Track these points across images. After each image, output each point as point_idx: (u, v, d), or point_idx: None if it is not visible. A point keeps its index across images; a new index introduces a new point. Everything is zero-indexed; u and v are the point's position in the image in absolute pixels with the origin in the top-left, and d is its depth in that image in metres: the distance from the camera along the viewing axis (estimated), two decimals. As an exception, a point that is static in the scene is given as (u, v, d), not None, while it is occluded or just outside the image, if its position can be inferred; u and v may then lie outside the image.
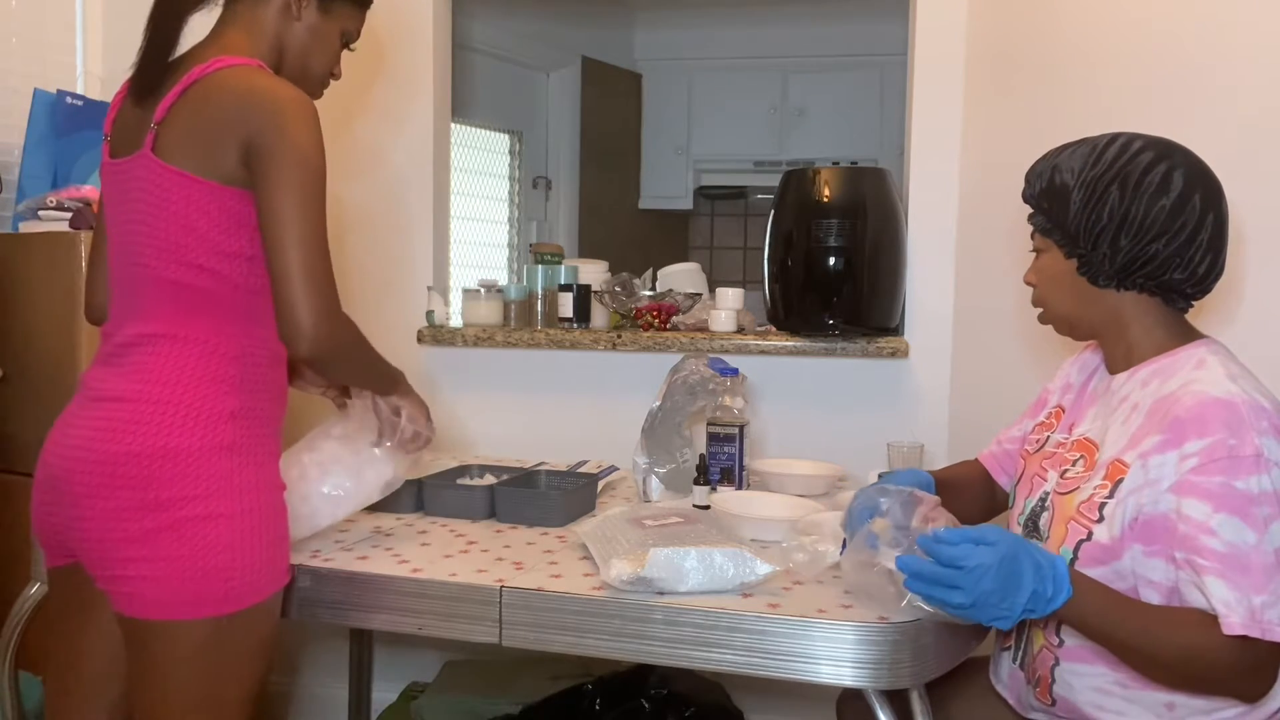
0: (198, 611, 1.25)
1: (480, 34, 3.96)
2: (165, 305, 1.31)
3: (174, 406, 1.27)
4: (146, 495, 1.24)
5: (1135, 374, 1.25)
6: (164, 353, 1.30)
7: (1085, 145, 1.24)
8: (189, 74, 1.28)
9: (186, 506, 1.25)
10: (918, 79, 2.25)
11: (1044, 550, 1.13)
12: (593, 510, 1.82)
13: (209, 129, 1.27)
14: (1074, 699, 1.23)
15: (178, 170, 1.27)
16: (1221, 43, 1.58)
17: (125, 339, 1.33)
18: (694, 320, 2.42)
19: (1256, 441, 1.08)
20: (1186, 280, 1.20)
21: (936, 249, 2.24)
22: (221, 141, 1.26)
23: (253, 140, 1.25)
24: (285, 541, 1.36)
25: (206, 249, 1.29)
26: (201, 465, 1.26)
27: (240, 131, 1.25)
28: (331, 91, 2.06)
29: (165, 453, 1.25)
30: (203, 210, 1.27)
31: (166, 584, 1.24)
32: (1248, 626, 1.04)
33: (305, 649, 2.53)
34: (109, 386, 1.31)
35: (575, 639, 1.35)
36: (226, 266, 1.30)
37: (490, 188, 4.26)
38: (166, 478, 1.25)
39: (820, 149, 4.68)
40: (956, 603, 1.09)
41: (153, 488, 1.24)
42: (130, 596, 1.26)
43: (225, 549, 1.26)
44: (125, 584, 1.26)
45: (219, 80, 1.28)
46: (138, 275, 1.32)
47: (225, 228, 1.28)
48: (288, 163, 1.25)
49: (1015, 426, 1.53)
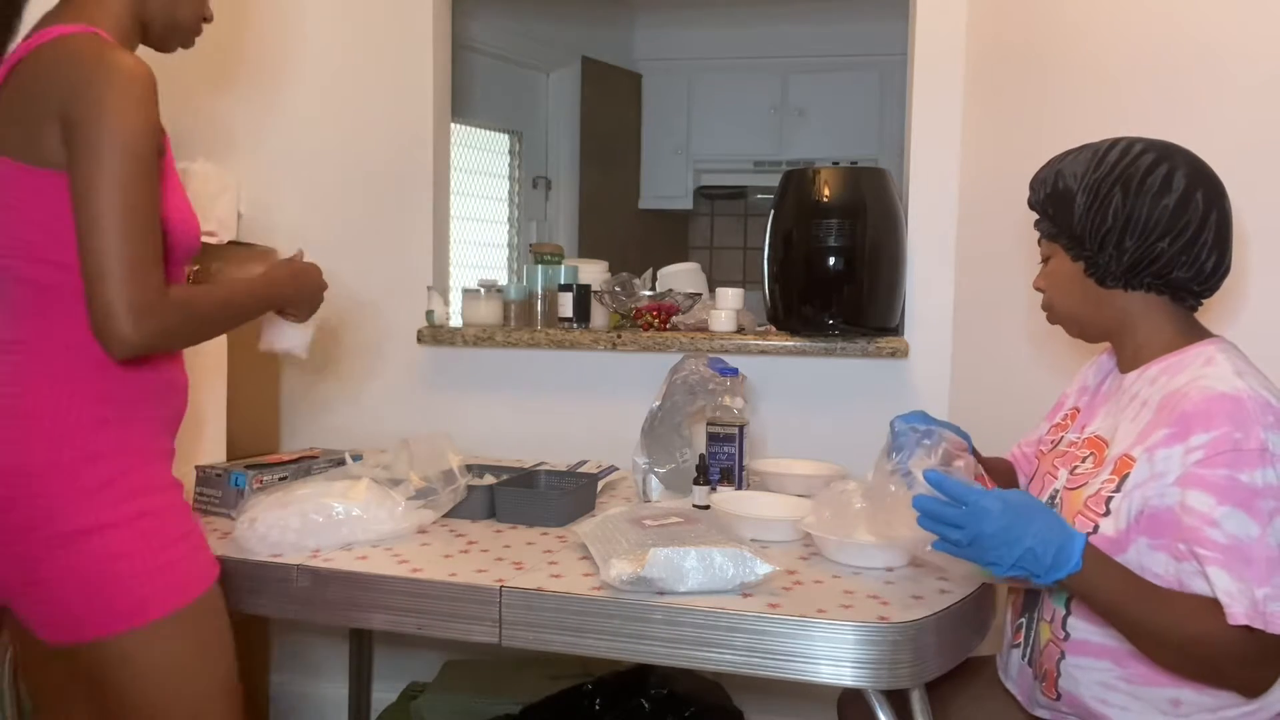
0: (115, 626, 1.18)
1: (480, 34, 3.96)
2: (25, 306, 1.19)
3: (31, 420, 1.16)
4: (11, 518, 1.15)
5: (1145, 372, 1.26)
6: (25, 359, 1.19)
7: (1087, 150, 1.27)
8: (17, 50, 1.17)
9: (57, 523, 1.15)
10: (918, 79, 2.25)
11: (1065, 523, 1.14)
12: (592, 510, 1.82)
13: (31, 110, 1.15)
14: (1079, 694, 1.23)
15: (8, 160, 1.16)
16: (1223, 43, 1.58)
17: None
18: (694, 320, 2.42)
19: (1262, 436, 1.09)
20: (1193, 278, 1.22)
21: (936, 249, 2.24)
22: (42, 122, 1.14)
23: (68, 116, 1.12)
24: (194, 538, 1.28)
25: (54, 241, 1.16)
26: (66, 480, 1.16)
27: (57, 109, 1.13)
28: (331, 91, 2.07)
29: (19, 471, 1.15)
30: (42, 200, 1.15)
31: (73, 605, 1.17)
32: (1251, 617, 1.05)
33: (305, 649, 2.53)
34: None
35: (575, 639, 1.34)
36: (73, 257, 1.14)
37: (490, 188, 4.26)
38: (25, 497, 1.15)
39: (820, 149, 4.68)
40: (954, 539, 1.12)
41: (14, 509, 1.15)
42: (37, 624, 1.20)
43: (118, 558, 1.18)
44: (27, 611, 1.20)
45: (43, 54, 1.16)
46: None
47: (65, 216, 1.14)
48: (103, 140, 1.11)
49: (1034, 431, 1.55)
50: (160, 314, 1.15)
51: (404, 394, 2.47)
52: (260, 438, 2.32)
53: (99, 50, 1.16)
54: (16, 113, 1.16)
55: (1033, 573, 1.11)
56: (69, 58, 1.15)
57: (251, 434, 2.26)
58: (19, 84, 1.17)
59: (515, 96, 4.34)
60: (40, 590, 1.18)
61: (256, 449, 2.22)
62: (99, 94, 1.12)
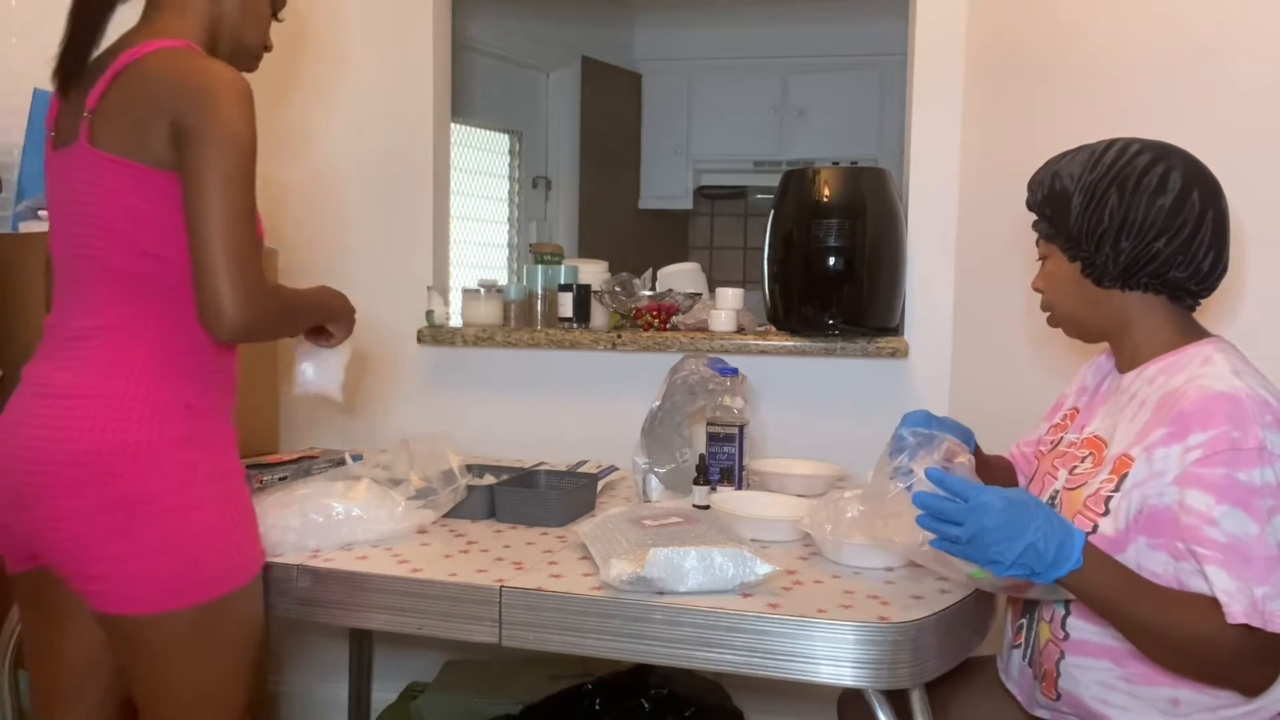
0: (182, 601, 1.26)
1: (480, 34, 3.96)
2: (112, 296, 1.29)
3: (130, 401, 1.26)
4: (114, 492, 1.23)
5: (1143, 372, 1.27)
6: (117, 345, 1.29)
7: (1084, 151, 1.27)
8: (118, 60, 1.27)
9: (155, 500, 1.25)
10: (918, 79, 2.25)
11: (1064, 520, 1.13)
12: (592, 510, 1.82)
13: (140, 113, 1.25)
14: (1079, 693, 1.24)
15: (113, 157, 1.26)
16: (1223, 44, 1.58)
17: (74, 331, 1.31)
18: (694, 320, 2.42)
19: (1260, 434, 1.09)
20: (1190, 278, 1.22)
21: (936, 249, 2.24)
22: (152, 124, 1.24)
23: (180, 121, 1.23)
24: (254, 525, 1.38)
25: (152, 235, 1.27)
26: (163, 458, 1.26)
27: (169, 113, 1.24)
28: (330, 91, 2.08)
29: (125, 448, 1.24)
30: (141, 195, 1.26)
31: (147, 577, 1.25)
32: (1249, 616, 1.05)
33: (305, 649, 2.53)
34: (57, 381, 1.28)
35: (575, 639, 1.35)
36: (174, 251, 1.28)
37: (490, 188, 4.26)
38: (130, 473, 1.24)
39: (820, 149, 4.68)
40: (954, 535, 1.11)
41: (117, 484, 1.24)
42: (112, 594, 1.25)
43: (199, 536, 1.27)
44: (104, 582, 1.25)
45: (149, 63, 1.27)
46: (83, 266, 1.31)
47: (168, 212, 1.27)
48: (214, 143, 1.23)
49: (1033, 432, 1.55)
50: (261, 301, 1.26)
51: (404, 394, 2.47)
52: (260, 438, 2.32)
53: (205, 62, 1.29)
54: (125, 116, 1.26)
55: (1034, 569, 1.10)
56: (178, 68, 1.26)
57: (251, 434, 2.26)
58: (125, 91, 1.26)
59: (515, 96, 4.34)
60: (121, 563, 1.24)
61: (256, 449, 2.22)
62: (211, 102, 1.24)
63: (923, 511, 1.14)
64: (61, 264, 1.35)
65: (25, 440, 1.27)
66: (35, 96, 2.14)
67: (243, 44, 1.45)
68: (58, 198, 1.34)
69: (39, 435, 1.26)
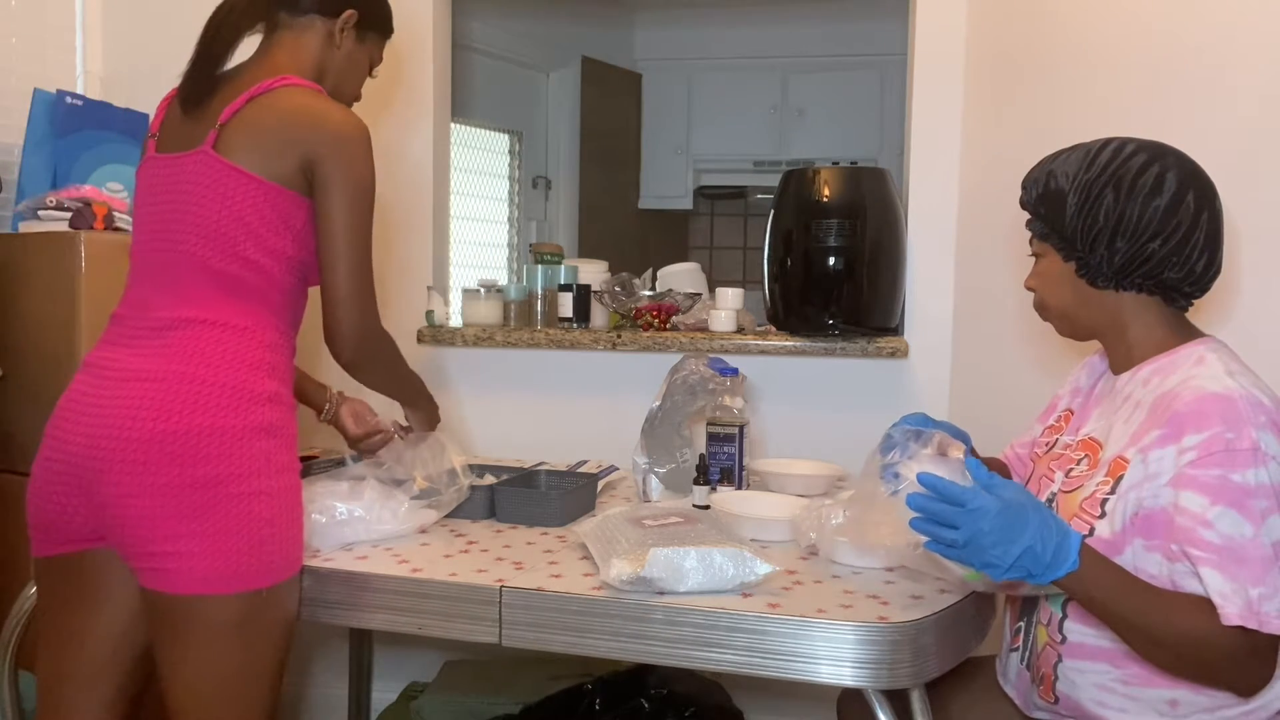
0: (240, 585, 1.31)
1: (480, 34, 3.96)
2: (209, 292, 1.38)
3: (218, 388, 1.33)
4: (195, 472, 1.29)
5: (1137, 373, 1.26)
6: (208, 336, 1.36)
7: (1079, 150, 1.27)
8: (255, 86, 1.39)
9: (233, 483, 1.30)
10: (918, 79, 2.25)
11: (1060, 520, 1.13)
12: (592, 510, 1.82)
13: (272, 136, 1.37)
14: (1077, 696, 1.23)
15: (237, 167, 1.36)
16: (1221, 44, 1.58)
17: (160, 321, 1.37)
18: (694, 320, 2.42)
19: (1254, 435, 1.09)
20: (1184, 279, 1.22)
21: (936, 249, 2.24)
22: (284, 150, 1.37)
23: (317, 161, 1.37)
24: (302, 520, 1.42)
25: (255, 244, 1.38)
26: (245, 444, 1.32)
27: (304, 148, 1.37)
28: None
29: (212, 431, 1.31)
30: (255, 207, 1.36)
31: (214, 558, 1.29)
32: (1245, 617, 1.05)
33: (305, 649, 2.53)
34: (142, 366, 1.34)
35: (575, 639, 1.35)
36: (269, 262, 1.39)
37: (490, 188, 4.26)
38: (214, 455, 1.30)
39: (820, 149, 4.68)
40: (950, 539, 1.10)
41: (201, 465, 1.29)
42: (175, 572, 1.29)
43: (269, 523, 1.33)
44: (170, 560, 1.29)
45: (285, 96, 1.39)
46: (179, 261, 1.38)
47: (275, 226, 1.38)
48: (350, 192, 1.38)
49: (1027, 434, 1.54)
50: (379, 339, 1.51)
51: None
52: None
53: (340, 110, 1.43)
54: (253, 135, 1.37)
55: (1031, 572, 1.10)
56: (316, 108, 1.40)
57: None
58: (258, 115, 1.38)
59: (515, 96, 4.34)
60: (192, 542, 1.29)
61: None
62: (348, 149, 1.39)
63: (916, 515, 1.12)
64: (151, 258, 1.42)
65: (106, 419, 1.31)
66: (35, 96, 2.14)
67: (341, 92, 1.55)
68: (159, 196, 1.41)
69: (119, 415, 1.31)
